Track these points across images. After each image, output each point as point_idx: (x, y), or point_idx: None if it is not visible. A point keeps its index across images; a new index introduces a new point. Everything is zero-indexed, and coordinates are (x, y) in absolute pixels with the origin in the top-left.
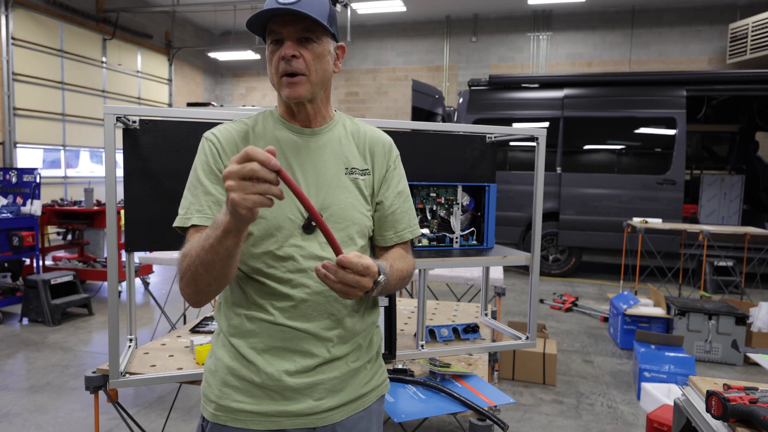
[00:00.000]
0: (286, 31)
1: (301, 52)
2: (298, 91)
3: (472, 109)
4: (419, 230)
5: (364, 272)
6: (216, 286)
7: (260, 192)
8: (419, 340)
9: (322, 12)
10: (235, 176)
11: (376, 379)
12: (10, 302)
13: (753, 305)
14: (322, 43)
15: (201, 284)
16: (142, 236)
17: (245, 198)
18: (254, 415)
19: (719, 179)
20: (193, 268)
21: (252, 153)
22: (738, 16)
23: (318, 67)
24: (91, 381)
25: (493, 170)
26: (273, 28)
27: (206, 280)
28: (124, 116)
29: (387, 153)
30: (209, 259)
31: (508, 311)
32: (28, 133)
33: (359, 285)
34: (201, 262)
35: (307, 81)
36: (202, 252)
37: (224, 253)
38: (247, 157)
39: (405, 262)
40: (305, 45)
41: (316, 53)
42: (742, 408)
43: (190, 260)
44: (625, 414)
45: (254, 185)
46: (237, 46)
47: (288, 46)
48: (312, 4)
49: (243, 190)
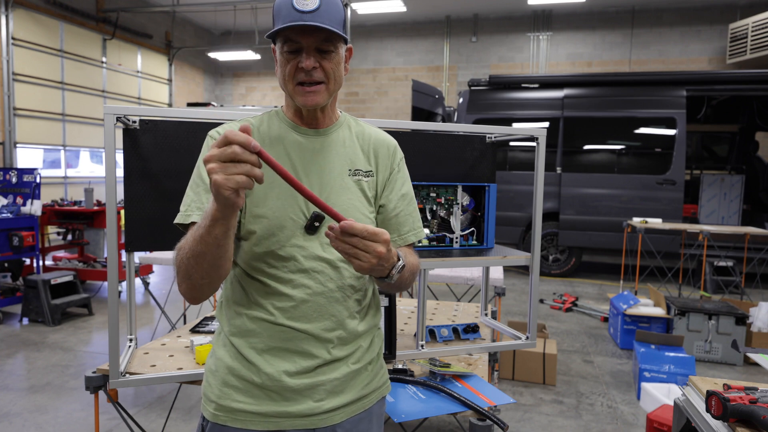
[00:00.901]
0: (305, 41)
1: (321, 63)
2: (316, 99)
3: (472, 109)
4: (423, 233)
5: (372, 237)
6: (208, 280)
7: (242, 173)
8: (419, 340)
9: (339, 19)
10: (216, 159)
11: (377, 380)
12: (10, 302)
13: (753, 305)
14: (339, 50)
15: (194, 278)
16: (142, 236)
17: (227, 179)
18: (254, 416)
19: (719, 179)
20: (186, 261)
21: (231, 136)
22: (738, 16)
23: (336, 75)
24: (91, 381)
25: (493, 170)
26: (290, 36)
27: (198, 273)
28: (124, 116)
29: (391, 155)
30: (199, 250)
31: (508, 311)
32: (28, 133)
33: (369, 249)
34: (192, 254)
35: (325, 89)
36: (194, 244)
37: (213, 243)
38: (227, 141)
39: (413, 257)
40: (324, 55)
41: (334, 63)
42: (742, 408)
43: (182, 253)
44: (625, 414)
45: (236, 166)
46: (237, 46)
47: (308, 58)
48: (330, 13)
49: (224, 171)
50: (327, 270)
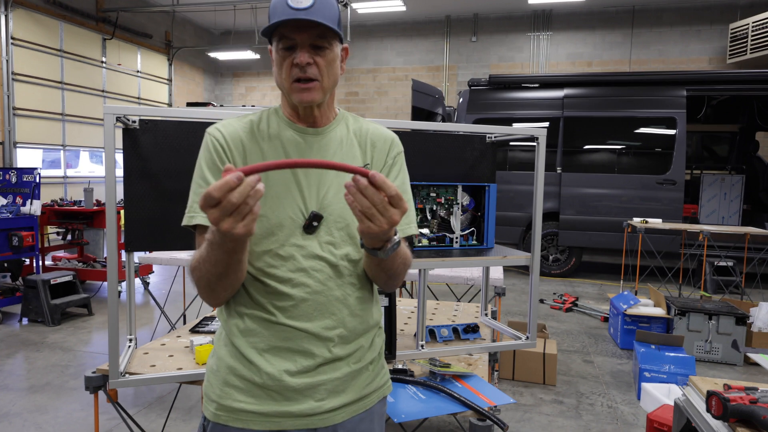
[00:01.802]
0: (299, 37)
1: (315, 59)
2: (311, 96)
3: (472, 109)
4: (416, 229)
5: (397, 202)
6: (231, 290)
7: (247, 214)
8: (419, 340)
9: (333, 17)
10: (220, 218)
11: (378, 380)
12: (9, 302)
13: (753, 305)
14: (334, 48)
15: (219, 291)
16: (141, 236)
17: (237, 226)
18: (255, 415)
19: (719, 179)
20: (209, 282)
21: (217, 194)
22: (738, 15)
23: (330, 72)
24: (90, 381)
25: (493, 170)
26: (285, 33)
27: (223, 287)
28: (123, 116)
29: (388, 148)
30: (220, 272)
31: (508, 311)
32: (27, 133)
33: (387, 214)
34: (216, 276)
35: (320, 86)
36: (214, 267)
37: (235, 263)
38: (216, 198)
39: (407, 250)
40: (318, 51)
41: (328, 59)
42: (742, 408)
43: (203, 274)
44: (625, 414)
45: (239, 211)
46: (237, 46)
47: (302, 53)
48: (324, 9)
49: (233, 222)
50: (326, 269)
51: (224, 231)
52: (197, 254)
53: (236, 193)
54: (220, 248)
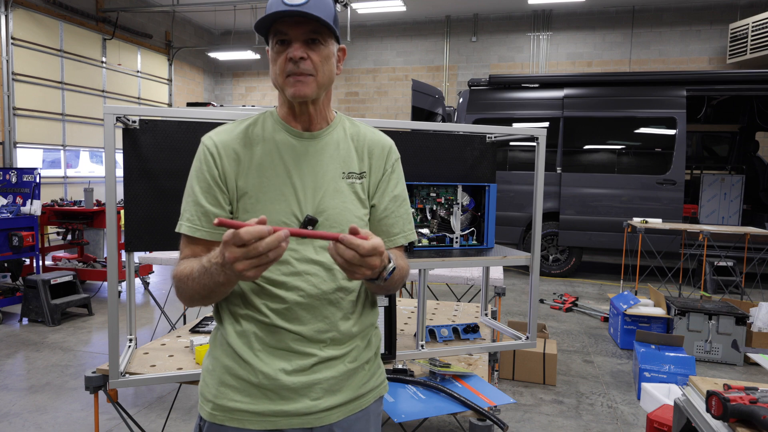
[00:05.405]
0: (293, 32)
1: (309, 54)
2: (305, 89)
3: (472, 109)
4: (414, 235)
5: (370, 253)
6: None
7: (270, 261)
8: (419, 340)
9: (328, 14)
10: (243, 259)
11: (375, 379)
12: (10, 302)
13: (753, 305)
14: (328, 44)
15: (196, 304)
16: (141, 236)
17: (258, 270)
18: (251, 415)
19: (719, 179)
20: (195, 297)
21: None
22: (738, 15)
23: (325, 69)
24: (91, 381)
25: (493, 170)
26: (279, 28)
27: (203, 303)
28: (124, 116)
29: (385, 156)
30: (208, 294)
31: (508, 311)
32: (27, 133)
33: (365, 264)
34: (204, 296)
35: (314, 81)
36: (204, 290)
37: (222, 292)
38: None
39: (403, 260)
40: (312, 47)
41: (323, 55)
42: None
43: (184, 287)
44: (625, 414)
45: (265, 257)
46: (237, 45)
47: (296, 47)
48: (319, 5)
49: (256, 267)
50: (320, 273)
51: (238, 271)
52: (186, 268)
53: (264, 243)
54: (213, 279)
